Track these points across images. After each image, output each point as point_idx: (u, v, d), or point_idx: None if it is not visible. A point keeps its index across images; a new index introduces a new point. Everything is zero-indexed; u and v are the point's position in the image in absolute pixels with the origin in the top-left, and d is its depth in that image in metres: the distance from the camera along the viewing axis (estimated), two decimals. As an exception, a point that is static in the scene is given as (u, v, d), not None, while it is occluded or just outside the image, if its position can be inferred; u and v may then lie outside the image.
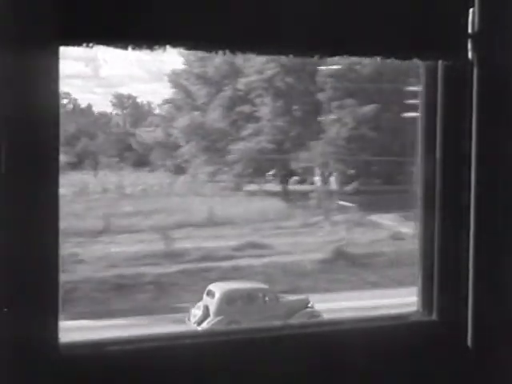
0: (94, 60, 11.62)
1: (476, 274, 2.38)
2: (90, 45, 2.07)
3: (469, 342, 2.39)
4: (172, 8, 2.10)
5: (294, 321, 9.75)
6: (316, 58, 2.25)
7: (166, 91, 12.80)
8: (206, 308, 10.72)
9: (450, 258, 2.40)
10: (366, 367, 2.32)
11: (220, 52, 2.17)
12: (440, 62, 2.37)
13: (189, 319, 10.86)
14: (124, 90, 13.18)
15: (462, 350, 2.39)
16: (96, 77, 11.98)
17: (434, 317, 2.41)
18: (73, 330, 2.54)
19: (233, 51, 2.18)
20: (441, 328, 2.40)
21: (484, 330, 2.40)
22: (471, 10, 2.35)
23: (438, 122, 2.38)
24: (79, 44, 2.08)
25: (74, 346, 2.11)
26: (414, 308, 2.45)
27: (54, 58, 2.00)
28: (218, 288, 10.82)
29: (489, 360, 2.41)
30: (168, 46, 2.12)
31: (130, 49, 2.10)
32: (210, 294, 10.81)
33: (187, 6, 2.12)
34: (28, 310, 1.96)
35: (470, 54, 2.36)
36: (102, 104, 13.23)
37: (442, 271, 2.40)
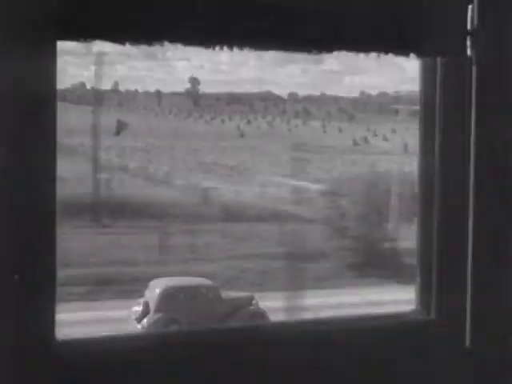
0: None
1: (475, 273, 2.38)
2: (88, 40, 2.01)
3: (468, 342, 2.39)
4: (171, 3, 2.06)
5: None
6: (314, 53, 2.23)
7: None
8: (147, 304, 10.58)
9: (449, 257, 2.39)
10: (364, 366, 2.30)
11: (218, 47, 2.13)
12: (439, 59, 2.35)
13: (130, 316, 10.73)
14: None
15: (461, 350, 2.39)
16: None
17: (433, 316, 2.40)
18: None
19: (230, 47, 2.14)
20: (440, 327, 2.39)
21: (483, 329, 2.40)
22: (470, 7, 2.34)
23: (437, 120, 2.37)
24: (77, 39, 2.02)
25: (71, 344, 2.07)
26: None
27: (52, 52, 1.94)
28: (159, 284, 10.68)
29: (488, 360, 2.41)
30: (166, 42, 2.07)
31: (127, 44, 2.06)
32: (151, 290, 10.67)
33: (186, 1, 2.08)
34: (25, 308, 1.92)
35: (468, 51, 2.34)
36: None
37: (440, 270, 2.39)
